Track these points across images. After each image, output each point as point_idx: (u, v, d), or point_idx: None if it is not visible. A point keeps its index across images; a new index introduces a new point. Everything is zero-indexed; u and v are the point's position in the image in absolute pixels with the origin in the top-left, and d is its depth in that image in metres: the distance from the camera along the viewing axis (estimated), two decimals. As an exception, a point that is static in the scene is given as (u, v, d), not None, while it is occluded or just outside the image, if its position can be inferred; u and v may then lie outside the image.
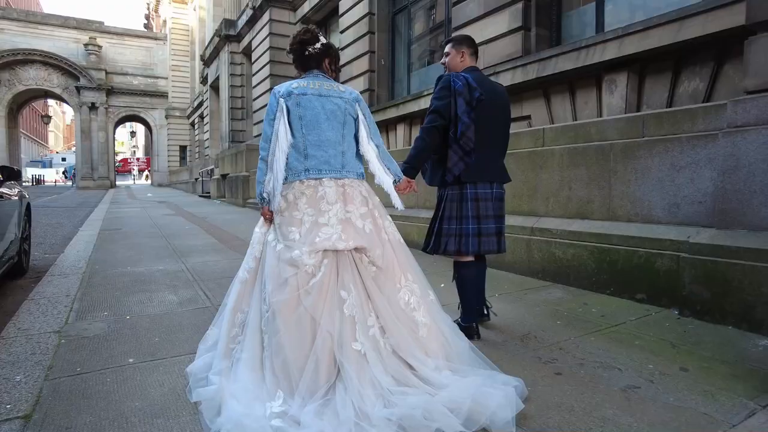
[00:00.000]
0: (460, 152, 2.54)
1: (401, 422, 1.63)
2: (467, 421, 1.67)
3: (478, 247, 2.60)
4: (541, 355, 2.40)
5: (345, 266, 2.00)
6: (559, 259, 3.95)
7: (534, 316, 3.07)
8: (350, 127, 2.19)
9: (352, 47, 10.53)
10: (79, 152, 30.94)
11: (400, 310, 2.03)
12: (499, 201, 2.73)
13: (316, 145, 2.09)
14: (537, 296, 3.58)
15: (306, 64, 2.24)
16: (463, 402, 1.72)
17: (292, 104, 2.09)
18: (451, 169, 2.56)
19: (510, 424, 1.67)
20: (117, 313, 3.19)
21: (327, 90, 2.15)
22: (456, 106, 2.53)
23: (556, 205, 4.11)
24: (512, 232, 4.37)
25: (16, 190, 4.57)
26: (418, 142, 2.62)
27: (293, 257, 1.94)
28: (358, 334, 1.89)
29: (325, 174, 2.08)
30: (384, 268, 2.06)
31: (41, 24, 30.23)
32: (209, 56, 19.62)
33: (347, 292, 1.94)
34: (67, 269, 4.60)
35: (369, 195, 2.19)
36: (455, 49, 2.76)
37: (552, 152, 4.14)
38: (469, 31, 7.19)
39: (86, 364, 2.34)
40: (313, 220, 2.01)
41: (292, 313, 1.89)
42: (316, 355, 1.83)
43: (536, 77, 5.94)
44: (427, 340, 2.02)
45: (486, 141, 2.62)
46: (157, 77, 32.97)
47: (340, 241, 1.98)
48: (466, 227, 2.59)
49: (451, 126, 2.55)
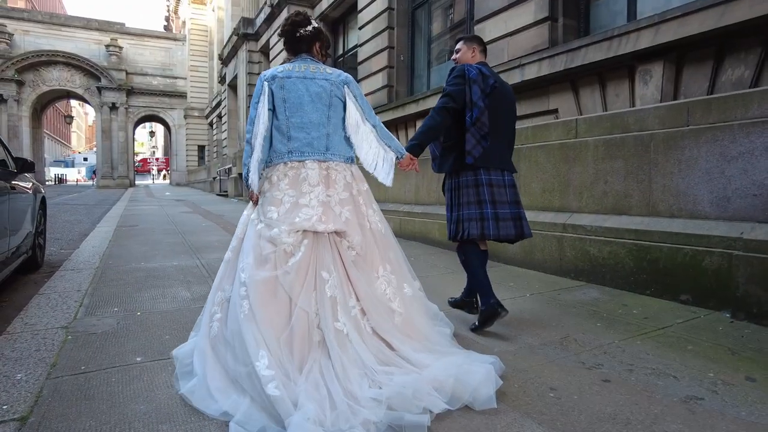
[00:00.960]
0: (477, 136, 2.60)
1: (390, 402, 1.64)
2: (451, 399, 1.71)
3: (498, 231, 2.63)
4: (584, 360, 2.18)
5: (326, 248, 2.01)
6: (594, 257, 3.70)
7: (571, 318, 2.83)
8: (337, 109, 2.18)
9: (370, 43, 10.35)
10: (99, 151, 31.37)
11: (377, 297, 2.06)
12: (512, 187, 2.76)
13: (299, 127, 2.10)
14: (571, 296, 3.34)
15: (296, 46, 2.23)
16: (446, 381, 1.75)
17: (276, 87, 2.11)
18: (470, 152, 2.60)
19: (491, 400, 1.72)
20: (127, 309, 3.04)
21: (313, 72, 2.15)
22: (471, 93, 2.59)
23: (591, 200, 3.86)
24: (542, 229, 4.13)
25: (30, 184, 4.48)
26: (427, 120, 2.63)
27: (272, 235, 1.97)
28: (339, 314, 1.91)
29: (308, 156, 2.09)
30: (363, 255, 2.08)
31: (64, 26, 30.74)
32: (227, 55, 19.66)
33: (328, 273, 1.95)
34: (80, 264, 4.49)
35: (354, 180, 2.18)
36: (467, 45, 2.86)
37: (586, 144, 3.89)
38: (492, 23, 6.97)
39: (91, 362, 2.19)
40: (293, 201, 2.02)
41: (269, 290, 1.89)
42: (291, 331, 1.85)
43: (564, 69, 5.69)
44: (403, 327, 2.05)
45: (496, 130, 2.68)
46: (176, 77, 33.26)
47: (320, 223, 1.99)
48: (485, 211, 2.63)
49: (467, 111, 2.60)
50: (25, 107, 29.12)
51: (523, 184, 4.43)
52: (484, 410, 1.71)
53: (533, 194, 4.35)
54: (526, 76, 6.22)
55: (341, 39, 13.48)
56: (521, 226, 2.72)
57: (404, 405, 1.62)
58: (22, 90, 28.89)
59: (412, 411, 1.61)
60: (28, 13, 31.26)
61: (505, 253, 4.51)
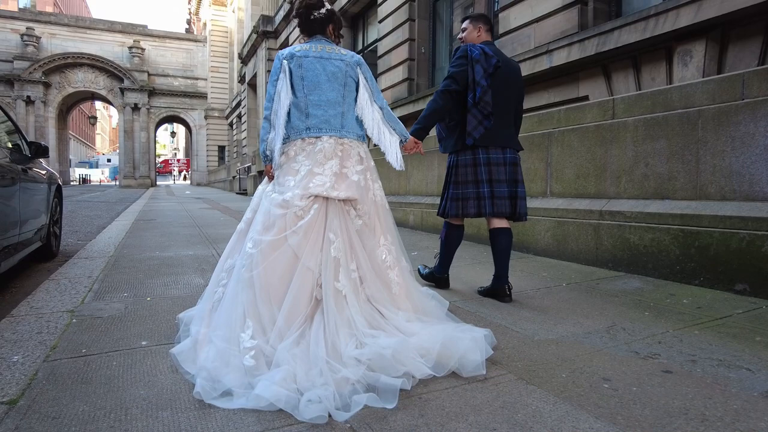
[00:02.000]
0: (479, 116, 2.63)
1: (370, 363, 1.65)
2: (436, 366, 1.71)
3: (493, 209, 2.67)
4: (637, 350, 1.93)
5: (335, 213, 2.06)
6: (634, 245, 3.42)
7: (614, 307, 2.57)
8: (351, 89, 2.24)
9: (390, 36, 10.16)
10: (121, 151, 31.84)
11: (377, 265, 2.10)
12: (513, 165, 2.75)
13: (317, 104, 2.15)
14: (612, 286, 3.07)
15: (311, 28, 2.27)
16: (432, 347, 1.76)
17: (294, 66, 2.16)
18: (471, 133, 2.64)
19: (480, 367, 1.71)
20: (137, 295, 2.89)
21: (329, 53, 2.20)
22: (474, 73, 2.61)
23: (630, 185, 3.58)
24: (577, 217, 3.87)
25: (45, 171, 4.38)
26: (431, 103, 2.68)
27: (285, 198, 2.02)
28: (341, 275, 1.94)
29: (324, 132, 2.14)
30: (368, 224, 2.14)
31: (89, 29, 31.34)
32: (247, 54, 19.70)
33: (335, 235, 2.00)
34: (94, 253, 4.38)
35: (365, 156, 2.25)
36: (472, 24, 2.85)
37: (624, 125, 3.62)
38: (517, 10, 6.71)
39: (94, 345, 2.02)
40: (308, 169, 2.07)
41: (275, 250, 1.93)
42: (295, 289, 1.87)
43: (595, 53, 5.40)
44: (399, 297, 2.09)
45: (501, 109, 2.70)
46: (197, 78, 33.60)
47: (332, 189, 2.04)
48: (482, 190, 2.68)
49: (469, 92, 2.63)
50: (51, 108, 29.74)
51: (555, 170, 4.17)
52: (528, 397, 1.49)
53: (566, 180, 4.09)
54: (555, 62, 5.95)
55: (360, 35, 13.33)
56: (516, 204, 2.73)
57: (384, 367, 1.64)
58: (48, 92, 29.53)
59: (392, 374, 1.61)
60: (55, 17, 31.96)
61: (536, 244, 4.25)
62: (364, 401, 1.48)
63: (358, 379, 1.58)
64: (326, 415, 1.41)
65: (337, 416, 1.42)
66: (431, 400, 1.52)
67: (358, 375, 1.59)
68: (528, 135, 4.46)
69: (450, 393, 1.57)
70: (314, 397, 1.46)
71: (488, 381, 1.65)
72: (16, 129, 4.07)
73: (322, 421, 1.39)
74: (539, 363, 1.81)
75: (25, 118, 28.65)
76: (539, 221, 4.22)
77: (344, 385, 1.54)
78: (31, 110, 28.87)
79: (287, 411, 1.44)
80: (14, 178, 3.28)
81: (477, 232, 4.94)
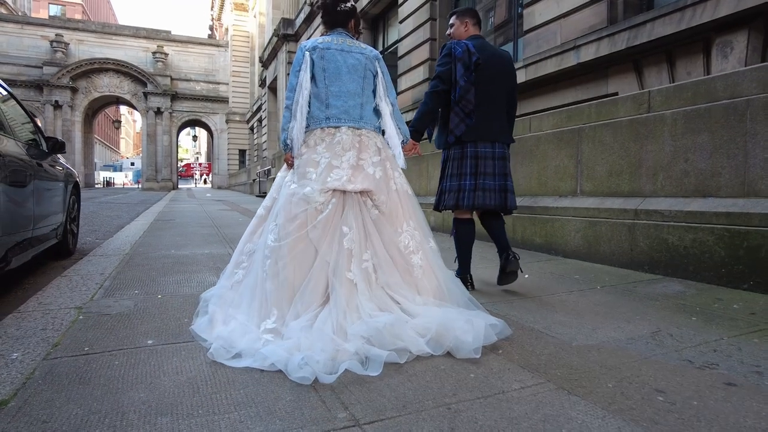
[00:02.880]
0: (461, 114, 2.68)
1: (370, 338, 1.75)
2: (434, 344, 1.79)
3: (474, 201, 2.70)
4: (690, 358, 1.72)
5: (351, 206, 2.13)
6: (674, 246, 3.19)
7: (656, 311, 2.36)
8: (369, 81, 2.31)
9: (411, 37, 10.03)
10: (144, 155, 32.35)
11: (398, 252, 2.15)
12: (501, 160, 2.79)
13: (337, 95, 2.21)
14: (650, 289, 2.85)
15: (335, 19, 2.33)
16: (430, 326, 1.84)
17: (317, 57, 2.21)
18: (453, 131, 2.70)
19: (472, 351, 1.74)
20: (148, 292, 2.78)
21: (350, 46, 2.28)
22: (455, 72, 2.65)
23: (668, 182, 3.35)
24: (609, 216, 3.65)
25: (62, 167, 4.33)
26: (421, 106, 2.76)
27: (306, 194, 2.08)
28: (353, 265, 2.02)
29: (343, 123, 2.20)
30: (387, 213, 2.19)
31: (115, 35, 32.03)
32: (267, 57, 19.80)
33: (349, 228, 2.08)
34: (110, 251, 4.32)
35: (383, 146, 2.31)
36: (459, 19, 2.89)
37: (661, 118, 3.39)
38: (542, 6, 6.51)
39: (98, 343, 1.90)
40: (327, 162, 2.13)
41: (298, 243, 2.03)
42: (312, 278, 1.98)
43: (626, 47, 5.17)
44: (421, 280, 2.15)
45: (487, 103, 2.73)
46: (219, 83, 33.99)
47: (349, 183, 2.11)
48: (464, 183, 2.72)
49: (452, 90, 2.68)
50: (77, 112, 30.42)
51: (586, 168, 3.96)
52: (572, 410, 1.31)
53: (598, 178, 3.87)
54: (582, 58, 5.72)
55: (381, 37, 13.24)
56: (505, 197, 2.77)
57: (381, 341, 1.74)
58: (75, 96, 30.23)
59: (387, 348, 1.71)
60: (83, 23, 32.76)
61: (566, 245, 4.03)
62: (347, 366, 1.62)
63: (356, 350, 1.70)
64: (311, 377, 1.54)
65: (323, 379, 1.55)
66: (462, 411, 1.35)
67: (356, 347, 1.71)
68: (557, 131, 4.26)
69: (482, 403, 1.40)
70: (311, 361, 1.60)
71: (525, 390, 1.47)
72: (33, 124, 4.03)
73: (307, 382, 1.53)
74: (580, 371, 1.62)
75: (53, 122, 29.37)
76: (569, 221, 4.00)
77: (344, 356, 1.67)
78: (58, 114, 29.56)
79: (282, 370, 1.61)
80: (28, 173, 3.21)
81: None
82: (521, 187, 4.69)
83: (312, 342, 1.73)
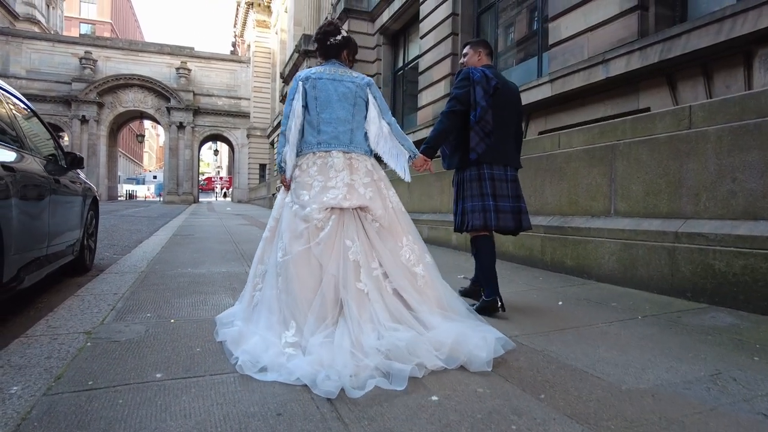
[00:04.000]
0: (481, 134, 2.76)
1: (388, 352, 1.84)
2: (448, 359, 1.89)
3: (497, 222, 2.79)
4: (765, 410, 1.51)
5: (350, 221, 2.26)
6: (721, 273, 2.95)
7: (710, 348, 2.14)
8: (360, 108, 2.44)
9: (432, 52, 9.94)
10: (166, 168, 32.84)
11: (402, 264, 2.27)
12: (513, 182, 2.91)
13: (328, 122, 2.35)
14: (698, 321, 2.62)
15: (327, 52, 2.51)
16: (445, 342, 1.94)
17: (309, 87, 2.37)
18: (474, 149, 2.76)
19: (485, 365, 1.85)
20: (161, 316, 2.65)
21: (341, 75, 2.43)
22: (475, 94, 2.76)
23: (712, 203, 3.12)
24: (647, 239, 3.42)
25: (80, 182, 4.29)
26: (438, 124, 2.85)
27: (305, 213, 2.22)
28: (362, 275, 2.13)
29: (334, 147, 2.34)
30: (387, 227, 2.32)
31: (141, 51, 32.80)
32: (288, 74, 19.95)
33: (351, 241, 2.20)
34: (126, 268, 4.23)
35: (374, 168, 2.44)
36: (473, 49, 3.05)
37: (704, 135, 3.18)
38: (568, 19, 6.35)
39: (102, 376, 1.77)
40: (322, 185, 2.27)
41: (303, 260, 2.14)
42: (322, 294, 2.08)
43: (659, 60, 4.97)
44: (424, 288, 2.26)
45: (500, 127, 2.84)
46: (240, 98, 34.44)
47: (345, 200, 2.25)
48: (487, 203, 2.79)
49: (472, 111, 2.77)
50: (103, 127, 31.11)
51: (621, 187, 3.74)
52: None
53: (633, 197, 3.65)
54: (612, 72, 5.53)
55: (401, 52, 13.21)
56: (520, 219, 2.87)
57: (399, 356, 1.82)
58: (101, 111, 30.94)
59: (405, 363, 1.78)
60: (111, 41, 33.71)
61: (599, 268, 3.81)
62: (375, 383, 1.69)
63: (376, 365, 1.78)
64: (336, 391, 1.61)
65: (351, 393, 1.62)
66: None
67: (376, 362, 1.79)
68: (588, 148, 4.06)
69: (528, 464, 1.21)
70: (333, 375, 1.69)
71: (576, 448, 1.28)
72: (53, 139, 3.99)
73: (332, 396, 1.60)
74: (638, 424, 1.42)
75: (79, 136, 30.07)
76: (602, 243, 3.78)
77: (364, 371, 1.74)
78: (85, 129, 30.27)
79: (308, 384, 1.68)
80: (43, 189, 3.15)
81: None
82: (550, 205, 4.48)
83: (333, 358, 1.80)
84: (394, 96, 13.42)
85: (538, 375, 1.82)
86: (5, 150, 2.75)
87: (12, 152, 2.84)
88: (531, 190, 4.67)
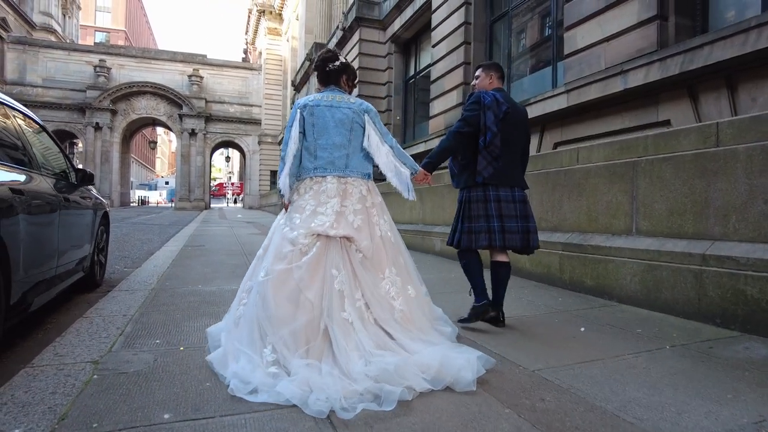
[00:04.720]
0: (489, 158, 2.85)
1: (377, 377, 1.90)
2: (434, 381, 1.95)
3: (504, 242, 2.87)
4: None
5: (336, 249, 2.32)
6: (754, 299, 2.81)
7: (749, 387, 2.01)
8: (357, 133, 2.52)
9: (444, 61, 9.87)
10: (178, 175, 33.09)
11: (381, 296, 2.34)
12: (522, 203, 2.97)
13: (324, 147, 2.45)
14: (730, 353, 2.48)
15: (326, 79, 2.60)
16: (431, 364, 2.00)
17: (306, 114, 2.47)
18: (481, 172, 2.87)
19: (471, 384, 1.93)
20: (170, 342, 2.58)
21: (338, 102, 2.51)
22: (485, 118, 2.83)
23: (742, 225, 2.99)
24: (671, 260, 3.29)
25: (90, 198, 4.25)
26: (444, 142, 2.96)
27: (293, 237, 2.30)
28: (346, 305, 2.20)
29: (329, 172, 2.43)
30: (371, 258, 2.38)
31: (154, 59, 33.19)
32: (300, 81, 20.03)
33: (337, 270, 2.26)
34: (135, 284, 4.18)
35: (369, 194, 2.51)
36: (485, 72, 3.11)
37: (733, 153, 3.05)
38: (584, 29, 6.24)
39: (107, 417, 1.69)
40: (312, 209, 2.35)
41: (282, 281, 2.21)
42: (300, 316, 2.14)
43: (680, 72, 4.84)
44: (402, 321, 2.33)
45: (509, 150, 2.93)
46: (252, 105, 34.65)
47: (332, 228, 2.30)
48: (492, 224, 2.87)
49: (481, 135, 2.85)
50: (116, 134, 31.46)
51: (643, 205, 3.62)
52: None
53: (656, 217, 3.52)
54: (630, 83, 5.40)
55: (413, 60, 13.16)
56: (528, 238, 2.93)
57: (388, 380, 1.87)
58: (114, 118, 31.32)
59: (395, 385, 1.83)
60: (124, 49, 34.16)
61: (621, 290, 3.67)
62: (365, 406, 1.75)
63: (366, 389, 1.84)
64: (327, 411, 1.69)
65: (342, 414, 1.69)
66: None
67: (365, 386, 1.85)
68: (608, 164, 3.94)
69: None
70: (322, 397, 1.76)
71: None
72: (63, 155, 3.96)
73: (322, 416, 1.68)
74: (682, 486, 1.30)
75: (93, 143, 30.44)
76: (624, 263, 3.65)
77: (353, 395, 1.81)
78: (98, 135, 30.63)
79: (298, 405, 1.75)
80: (53, 208, 3.10)
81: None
82: (568, 222, 4.36)
83: (322, 381, 1.87)
84: (405, 104, 13.36)
85: (566, 419, 1.71)
86: (14, 172, 2.70)
87: (21, 174, 2.80)
88: (549, 205, 4.56)
